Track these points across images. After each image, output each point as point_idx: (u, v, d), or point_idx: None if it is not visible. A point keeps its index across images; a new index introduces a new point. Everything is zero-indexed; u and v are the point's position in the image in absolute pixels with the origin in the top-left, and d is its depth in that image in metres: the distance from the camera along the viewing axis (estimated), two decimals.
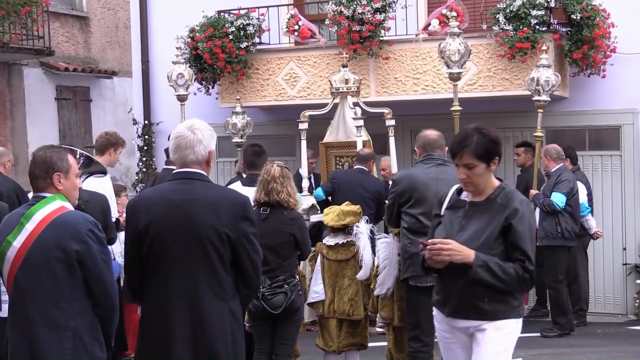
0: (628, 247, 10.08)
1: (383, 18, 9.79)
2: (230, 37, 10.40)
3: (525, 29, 9.07)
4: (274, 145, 10.85)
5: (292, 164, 10.16)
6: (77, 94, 15.16)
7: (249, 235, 3.79)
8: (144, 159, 12.47)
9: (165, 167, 9.11)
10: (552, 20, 9.25)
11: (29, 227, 3.74)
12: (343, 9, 9.79)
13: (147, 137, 12.44)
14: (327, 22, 10.17)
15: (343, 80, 9.24)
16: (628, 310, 10.12)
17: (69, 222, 3.74)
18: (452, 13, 9.50)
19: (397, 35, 10.08)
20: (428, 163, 5.63)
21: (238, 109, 10.12)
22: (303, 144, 9.45)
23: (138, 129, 12.53)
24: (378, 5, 9.73)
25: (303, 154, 9.55)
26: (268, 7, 10.74)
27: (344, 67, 9.35)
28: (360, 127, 9.02)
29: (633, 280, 10.04)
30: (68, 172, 3.88)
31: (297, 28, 10.37)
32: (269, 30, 10.79)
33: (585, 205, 9.16)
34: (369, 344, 6.42)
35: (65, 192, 3.88)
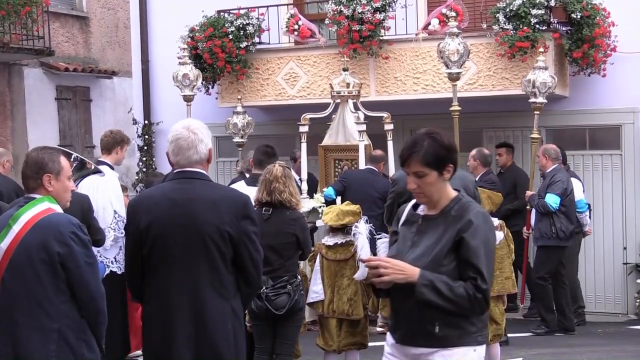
0: (628, 246, 10.08)
1: (383, 17, 9.79)
2: (230, 36, 10.40)
3: (525, 28, 9.07)
4: (274, 145, 10.80)
5: (291, 165, 10.17)
6: (77, 94, 15.17)
7: (250, 234, 3.79)
8: (144, 159, 12.48)
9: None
10: (552, 20, 9.24)
11: (15, 228, 3.74)
12: (343, 9, 9.79)
13: (147, 137, 12.45)
14: (326, 21, 10.16)
15: (344, 84, 9.25)
16: (629, 310, 10.12)
17: (53, 224, 3.73)
18: (451, 12, 9.50)
19: (397, 35, 10.08)
20: None
21: (239, 109, 10.12)
22: (303, 147, 9.46)
23: (138, 129, 12.53)
24: (378, 5, 9.73)
25: (303, 157, 9.56)
26: (268, 6, 10.74)
27: (345, 70, 9.36)
28: (363, 131, 9.06)
29: (633, 280, 10.04)
30: (59, 174, 3.86)
31: (296, 28, 10.37)
32: (269, 30, 10.79)
33: (584, 202, 9.19)
34: (370, 344, 6.41)
35: (55, 193, 3.86)
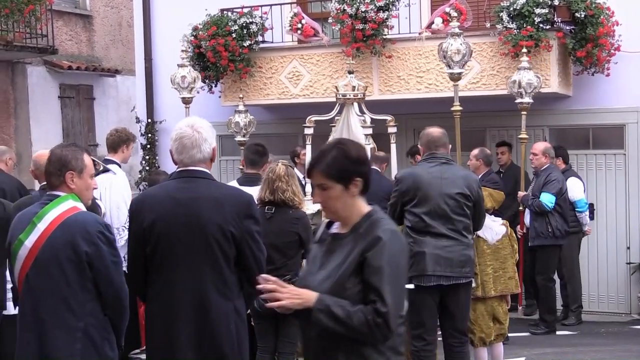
0: (632, 246, 10.05)
1: (386, 16, 9.78)
2: (234, 35, 10.40)
3: (529, 27, 9.05)
4: (277, 144, 10.86)
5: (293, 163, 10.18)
6: (80, 93, 15.18)
7: (254, 234, 3.79)
8: (147, 158, 12.48)
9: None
10: (555, 19, 9.23)
11: (41, 226, 3.75)
12: (346, 7, 9.78)
13: (150, 135, 12.45)
14: (330, 20, 10.15)
15: (349, 86, 9.24)
16: (632, 310, 10.10)
17: (80, 223, 3.75)
18: (454, 12, 9.48)
19: (400, 34, 10.07)
20: (432, 162, 5.63)
21: (241, 107, 10.11)
22: (308, 149, 9.47)
23: (141, 128, 12.54)
24: (381, 4, 9.72)
25: (307, 159, 9.56)
26: (271, 5, 10.74)
27: (350, 73, 9.35)
28: (369, 135, 9.07)
29: (637, 280, 10.02)
30: (82, 171, 3.89)
31: (300, 26, 10.36)
32: (272, 29, 10.78)
33: (584, 202, 9.19)
34: None
35: (78, 191, 3.89)
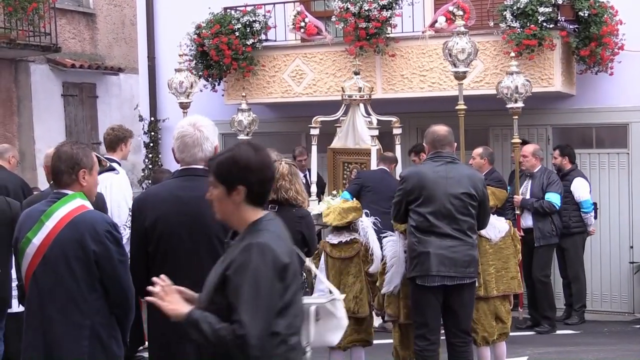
0: (635, 245, 10.04)
1: (389, 15, 9.77)
2: (237, 33, 10.39)
3: (533, 26, 9.04)
4: (280, 142, 10.85)
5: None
6: (83, 91, 15.18)
7: None
8: (150, 156, 12.49)
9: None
10: (559, 18, 9.21)
11: (49, 225, 3.76)
12: (349, 6, 9.77)
13: (153, 133, 12.46)
14: (333, 19, 10.14)
15: (355, 87, 9.25)
16: (635, 309, 10.08)
17: (88, 221, 3.76)
18: (459, 11, 9.47)
19: (403, 32, 10.07)
20: (437, 161, 5.60)
21: (243, 106, 10.11)
22: (314, 149, 9.49)
23: (144, 126, 12.55)
24: (385, 2, 9.71)
25: (314, 160, 9.58)
26: (274, 3, 10.73)
27: (356, 74, 9.35)
28: (375, 136, 9.08)
29: (638, 281, 10.01)
30: (92, 169, 3.93)
31: (303, 25, 10.35)
32: (275, 27, 10.78)
33: (590, 202, 9.22)
34: (375, 341, 6.41)
35: (88, 188, 3.91)
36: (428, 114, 10.14)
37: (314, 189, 9.37)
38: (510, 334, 6.52)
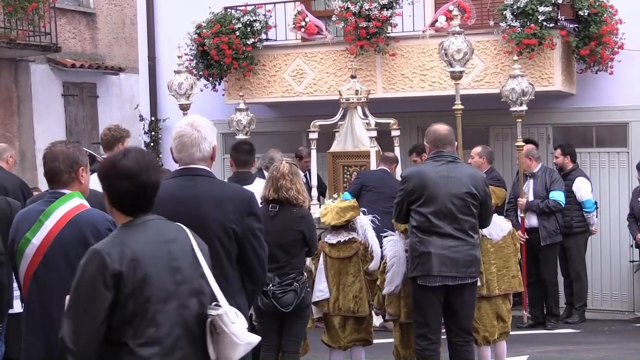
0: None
1: (390, 14, 9.77)
2: (237, 33, 10.39)
3: (533, 26, 9.04)
4: (281, 142, 10.86)
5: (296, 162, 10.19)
6: (83, 90, 15.18)
7: (255, 231, 3.78)
8: None
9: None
10: (559, 17, 9.22)
11: (49, 224, 3.74)
12: (350, 5, 9.78)
13: (153, 133, 12.46)
14: (334, 18, 10.15)
15: (352, 91, 9.25)
16: (635, 308, 10.09)
17: (89, 220, 3.76)
18: (455, 11, 9.46)
19: (404, 32, 10.07)
20: (438, 160, 5.57)
21: (241, 105, 10.11)
22: (313, 153, 9.49)
23: (145, 126, 12.55)
24: (385, 2, 9.71)
25: (313, 164, 9.58)
26: (275, 3, 10.74)
27: (353, 77, 9.35)
28: (374, 138, 9.09)
29: (637, 280, 10.00)
30: (87, 166, 3.96)
31: (304, 24, 10.36)
32: (276, 27, 10.78)
33: (592, 202, 9.23)
34: (375, 341, 6.42)
35: (86, 186, 3.94)
36: (428, 113, 10.13)
37: (315, 193, 9.38)
38: (511, 333, 6.53)
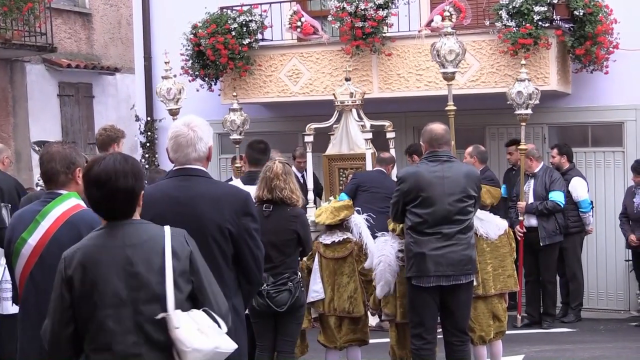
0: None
1: (386, 14, 9.78)
2: (233, 33, 10.39)
3: (528, 25, 9.06)
4: (277, 142, 10.84)
5: (291, 161, 10.20)
6: (79, 91, 15.17)
7: (251, 231, 3.78)
8: (147, 156, 12.49)
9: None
10: (554, 17, 9.23)
11: (45, 224, 3.74)
12: (346, 5, 9.78)
13: (149, 133, 12.45)
14: (329, 18, 10.15)
15: (347, 93, 9.26)
16: (631, 307, 10.11)
17: (86, 220, 3.75)
18: (448, 11, 9.47)
19: (399, 32, 10.07)
20: (433, 161, 5.58)
21: (235, 106, 10.10)
22: (309, 156, 9.49)
23: (141, 126, 12.54)
24: (381, 2, 9.71)
25: (309, 167, 9.58)
26: (271, 3, 10.74)
27: (347, 80, 9.36)
28: (369, 139, 9.09)
29: (634, 278, 10.01)
30: (83, 166, 3.94)
31: (299, 24, 10.35)
32: (272, 27, 10.77)
33: (588, 202, 9.24)
34: (372, 341, 6.42)
35: (82, 186, 3.91)
36: (424, 113, 10.14)
37: (311, 196, 9.38)
38: (507, 333, 6.53)
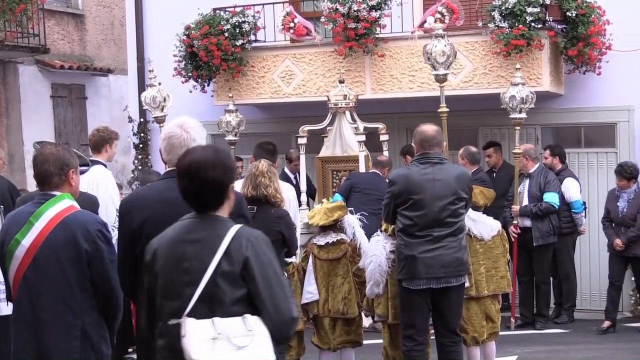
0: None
1: (378, 15, 9.78)
2: (226, 34, 10.38)
3: (521, 26, 9.07)
4: None
5: (282, 162, 10.19)
6: (72, 92, 15.13)
7: None
8: (140, 157, 12.46)
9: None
10: (547, 18, 9.25)
11: (39, 225, 3.74)
12: (338, 7, 9.78)
13: (142, 134, 12.42)
14: (322, 19, 10.15)
15: (341, 96, 9.27)
16: (623, 308, 10.11)
17: (79, 221, 3.76)
18: (441, 13, 9.48)
19: (392, 33, 10.08)
20: (425, 163, 5.57)
21: (231, 107, 10.09)
22: (302, 159, 9.49)
23: (134, 127, 12.52)
24: (374, 3, 9.72)
25: (302, 169, 9.58)
26: (263, 4, 10.73)
27: (341, 82, 9.36)
28: (362, 142, 9.10)
29: (628, 278, 10.02)
30: (76, 168, 3.96)
31: (292, 25, 10.35)
32: (265, 28, 10.77)
33: (581, 202, 9.26)
34: (365, 342, 6.42)
35: (76, 188, 3.95)
36: (417, 114, 10.14)
37: (304, 198, 9.38)
38: (500, 334, 6.54)
